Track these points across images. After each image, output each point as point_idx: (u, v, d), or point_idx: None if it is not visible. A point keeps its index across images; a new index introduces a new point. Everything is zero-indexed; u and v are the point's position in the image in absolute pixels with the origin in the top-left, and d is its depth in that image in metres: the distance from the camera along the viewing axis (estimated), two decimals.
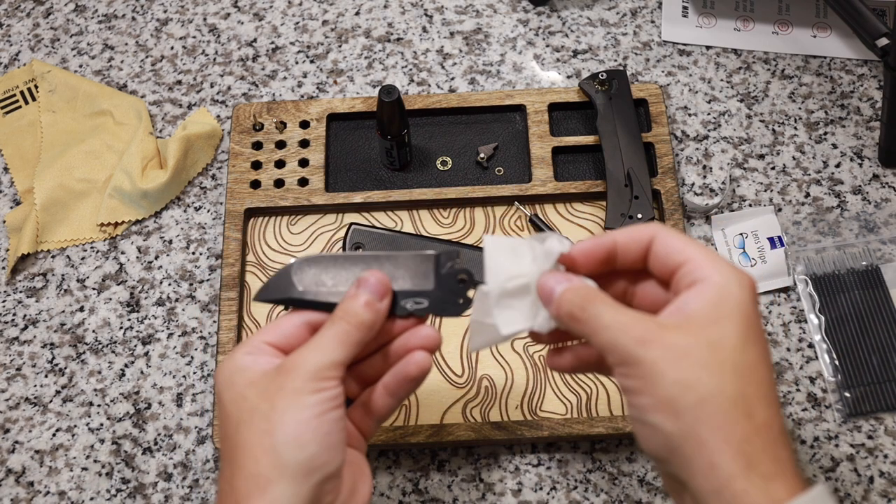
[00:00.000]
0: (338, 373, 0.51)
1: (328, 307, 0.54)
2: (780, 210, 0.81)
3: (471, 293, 0.55)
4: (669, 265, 0.49)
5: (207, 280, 0.79)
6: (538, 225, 0.78)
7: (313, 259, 0.56)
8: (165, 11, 0.92)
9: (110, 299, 0.79)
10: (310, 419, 0.49)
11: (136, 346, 0.77)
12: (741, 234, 0.79)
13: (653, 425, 0.46)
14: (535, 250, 0.53)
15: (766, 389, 0.46)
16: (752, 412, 0.44)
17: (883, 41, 0.76)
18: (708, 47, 0.89)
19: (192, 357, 0.76)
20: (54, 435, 0.74)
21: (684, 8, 0.91)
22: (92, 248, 0.81)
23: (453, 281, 0.55)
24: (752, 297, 0.47)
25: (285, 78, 0.88)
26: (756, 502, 0.43)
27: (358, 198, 0.79)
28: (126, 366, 0.76)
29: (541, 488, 0.71)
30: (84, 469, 0.73)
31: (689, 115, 0.85)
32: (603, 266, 0.52)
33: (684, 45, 0.89)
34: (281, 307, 0.74)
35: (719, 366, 0.45)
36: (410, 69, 0.88)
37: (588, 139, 0.81)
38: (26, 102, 0.88)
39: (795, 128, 0.84)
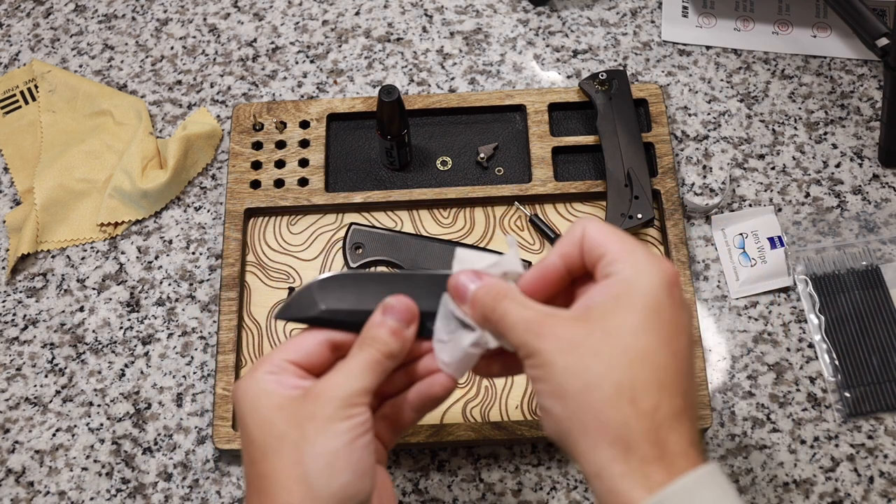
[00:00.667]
0: (366, 399, 0.51)
1: (352, 327, 0.53)
2: (780, 210, 0.81)
3: None
4: (594, 257, 0.50)
5: (207, 280, 0.79)
6: (538, 225, 0.78)
7: (336, 277, 0.55)
8: (165, 11, 0.92)
9: (110, 299, 0.79)
10: (341, 447, 0.49)
11: (136, 346, 0.77)
12: (741, 234, 0.79)
13: (547, 410, 0.47)
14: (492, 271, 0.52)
15: (663, 375, 0.46)
16: (636, 398, 0.45)
17: (883, 41, 0.76)
18: (708, 47, 0.89)
19: (192, 357, 0.76)
20: (54, 435, 0.74)
21: (684, 8, 0.91)
22: (92, 248, 0.81)
23: None
24: (663, 286, 0.47)
25: (285, 78, 0.88)
26: (632, 486, 0.44)
27: (358, 198, 0.79)
28: (126, 366, 0.76)
29: (541, 488, 0.71)
30: (84, 469, 0.73)
31: (689, 115, 0.85)
32: (562, 284, 0.52)
33: (684, 45, 0.89)
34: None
35: (609, 353, 0.46)
36: (410, 69, 0.88)
37: (588, 139, 0.81)
38: (26, 102, 0.88)
39: (795, 128, 0.84)
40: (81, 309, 0.79)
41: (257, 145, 0.82)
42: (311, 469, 0.48)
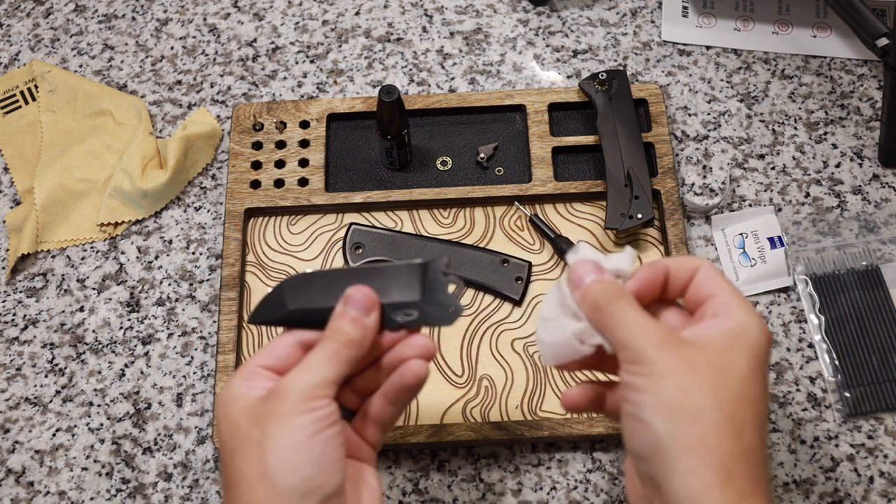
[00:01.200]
0: (329, 391, 0.51)
1: (322, 325, 0.53)
2: (780, 210, 0.81)
3: (462, 300, 0.55)
4: (702, 295, 0.52)
5: (207, 280, 0.79)
6: (538, 225, 0.78)
7: (303, 277, 0.55)
8: (165, 11, 0.92)
9: (110, 299, 0.79)
10: (301, 441, 0.49)
11: (136, 346, 0.77)
12: (741, 234, 0.79)
13: (647, 423, 0.48)
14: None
15: (760, 422, 0.48)
16: (742, 435, 0.47)
17: (883, 41, 0.76)
18: (708, 47, 0.89)
19: (192, 357, 0.76)
20: (54, 435, 0.74)
21: (684, 8, 0.91)
22: (92, 248, 0.81)
23: (442, 289, 0.55)
24: (767, 343, 0.50)
25: (285, 78, 0.88)
26: None
27: (358, 198, 0.79)
28: (126, 366, 0.76)
29: (541, 488, 0.71)
30: (84, 469, 0.73)
31: (689, 115, 0.85)
32: (656, 293, 0.54)
33: (684, 45, 0.89)
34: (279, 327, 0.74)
35: (723, 387, 0.48)
36: (410, 69, 0.88)
37: (588, 139, 0.81)
38: (26, 102, 0.88)
39: (795, 128, 0.84)
40: (81, 309, 0.79)
41: (257, 145, 0.82)
42: (272, 465, 0.49)
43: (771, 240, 0.79)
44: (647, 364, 0.48)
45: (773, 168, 0.83)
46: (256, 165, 0.81)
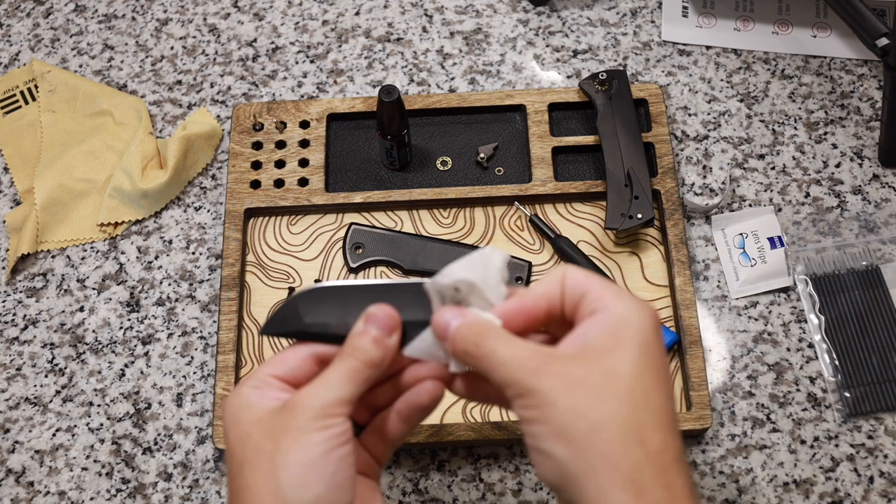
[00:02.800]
0: (345, 409, 0.50)
1: (337, 339, 0.52)
2: (780, 210, 0.81)
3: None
4: (575, 299, 0.49)
5: (207, 280, 0.79)
6: (538, 225, 0.78)
7: (319, 289, 0.54)
8: (165, 11, 0.92)
9: (110, 299, 0.79)
10: (315, 459, 0.48)
11: (136, 346, 0.77)
12: (741, 234, 0.79)
13: (547, 453, 0.46)
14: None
15: (662, 415, 0.46)
16: (644, 438, 0.44)
17: (883, 41, 0.76)
18: (708, 47, 0.89)
19: (192, 357, 0.76)
20: (54, 435, 0.74)
21: (684, 8, 0.91)
22: (92, 248, 0.81)
23: None
24: (652, 325, 0.47)
25: (285, 78, 0.88)
26: None
27: (358, 198, 0.79)
28: (126, 366, 0.76)
29: (541, 488, 0.71)
30: (84, 469, 0.73)
31: (689, 115, 0.85)
32: (539, 324, 0.51)
33: (684, 45, 0.89)
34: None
35: (613, 393, 0.45)
36: (410, 69, 0.88)
37: (588, 139, 0.81)
38: (26, 102, 0.88)
39: (795, 128, 0.84)
40: (81, 309, 0.79)
41: (257, 145, 0.82)
42: (284, 481, 0.48)
43: (771, 240, 0.79)
44: (531, 395, 0.45)
45: (773, 168, 0.83)
46: (256, 165, 0.81)
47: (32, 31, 0.92)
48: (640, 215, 0.75)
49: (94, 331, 0.78)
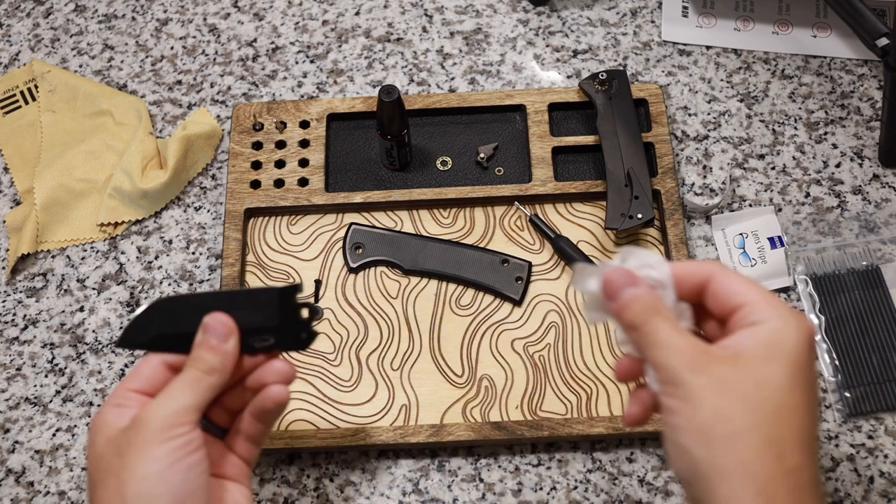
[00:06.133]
0: (190, 418, 0.51)
1: (187, 350, 0.54)
2: (780, 210, 0.81)
3: (315, 325, 0.56)
4: (728, 306, 0.50)
5: (207, 280, 0.79)
6: (538, 225, 0.78)
7: (172, 300, 0.56)
8: (165, 11, 0.92)
9: (110, 299, 0.79)
10: (161, 471, 0.49)
11: None
12: (741, 234, 0.79)
13: (684, 448, 0.46)
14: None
15: (805, 435, 0.46)
16: (783, 454, 0.45)
17: (883, 41, 0.76)
18: (708, 47, 0.89)
19: None
20: (54, 435, 0.74)
21: (684, 8, 0.91)
22: (92, 248, 0.81)
23: (296, 315, 0.56)
24: (808, 342, 0.48)
25: (285, 78, 0.88)
26: None
27: (358, 198, 0.79)
28: (126, 366, 0.76)
29: (541, 488, 0.71)
30: (84, 469, 0.73)
31: (689, 115, 0.85)
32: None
33: (684, 45, 0.89)
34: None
35: (760, 404, 0.46)
36: (410, 69, 0.88)
37: (588, 139, 0.81)
38: (26, 102, 0.88)
39: (795, 128, 0.84)
40: (81, 309, 0.79)
41: (257, 145, 0.82)
42: (129, 496, 0.49)
43: (771, 240, 0.79)
44: (681, 387, 0.47)
45: (773, 168, 0.83)
46: (256, 165, 0.81)
47: (32, 31, 0.92)
48: (640, 215, 0.75)
49: (94, 331, 0.78)
